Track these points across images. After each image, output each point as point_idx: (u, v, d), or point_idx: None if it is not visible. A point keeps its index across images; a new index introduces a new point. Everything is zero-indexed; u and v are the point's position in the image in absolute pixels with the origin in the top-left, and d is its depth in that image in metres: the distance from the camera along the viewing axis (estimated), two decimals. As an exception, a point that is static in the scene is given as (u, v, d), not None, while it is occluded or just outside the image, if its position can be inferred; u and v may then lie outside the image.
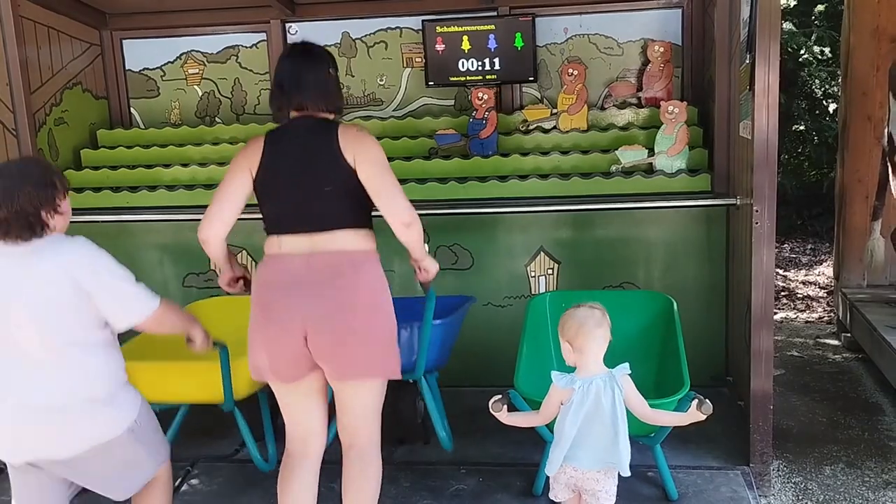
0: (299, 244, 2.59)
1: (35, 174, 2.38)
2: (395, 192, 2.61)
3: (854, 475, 3.62)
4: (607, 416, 2.54)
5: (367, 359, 2.61)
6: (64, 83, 5.03)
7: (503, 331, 4.34)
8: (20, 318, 2.29)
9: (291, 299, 2.54)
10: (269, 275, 2.61)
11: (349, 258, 2.58)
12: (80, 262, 2.33)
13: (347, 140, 2.59)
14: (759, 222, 3.31)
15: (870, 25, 5.45)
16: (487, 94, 4.85)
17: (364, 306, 2.57)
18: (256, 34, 5.31)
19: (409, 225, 2.63)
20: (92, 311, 2.36)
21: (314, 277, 2.54)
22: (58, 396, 2.32)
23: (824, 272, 8.11)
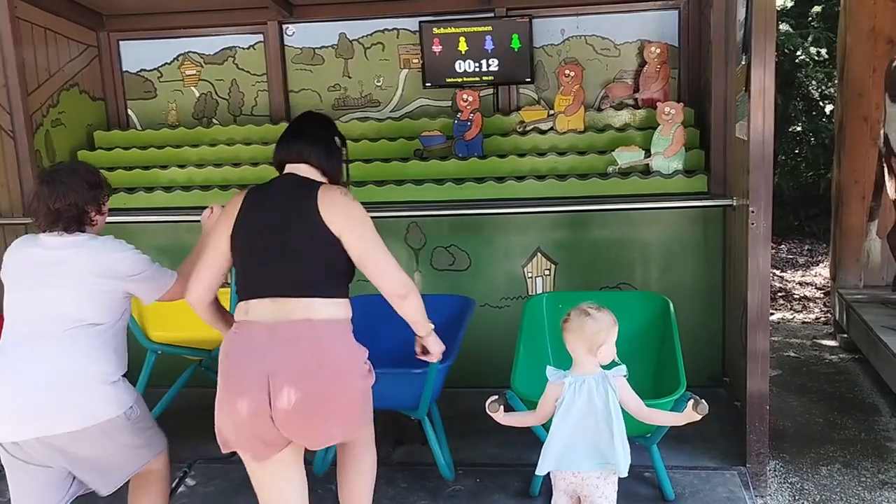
0: (264, 311, 2.41)
1: (87, 175, 2.68)
2: (385, 265, 2.48)
3: (850, 475, 3.63)
4: (601, 416, 2.54)
5: (339, 426, 2.48)
6: (61, 85, 5.03)
7: (500, 332, 4.34)
8: (55, 301, 2.50)
9: (253, 373, 2.35)
10: (231, 345, 2.45)
11: (313, 327, 2.39)
12: (112, 255, 2.60)
13: (331, 207, 2.44)
14: (755, 223, 3.31)
15: (866, 27, 5.46)
16: (472, 95, 4.86)
17: (329, 383, 2.39)
18: (253, 35, 5.32)
19: (405, 297, 2.50)
20: (117, 299, 2.61)
21: (276, 349, 2.35)
22: (68, 372, 2.45)
23: (821, 273, 8.12)
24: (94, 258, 2.56)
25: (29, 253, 2.59)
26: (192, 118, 5.46)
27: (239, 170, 4.86)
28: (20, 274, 2.58)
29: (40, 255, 2.56)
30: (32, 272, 2.55)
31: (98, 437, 2.48)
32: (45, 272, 2.53)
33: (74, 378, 2.46)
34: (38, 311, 2.50)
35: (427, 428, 3.44)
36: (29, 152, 4.66)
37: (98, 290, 2.55)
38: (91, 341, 2.52)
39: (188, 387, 3.97)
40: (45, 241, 2.58)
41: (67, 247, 2.56)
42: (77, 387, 2.45)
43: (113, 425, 2.50)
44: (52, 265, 2.54)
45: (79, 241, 2.58)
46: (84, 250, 2.57)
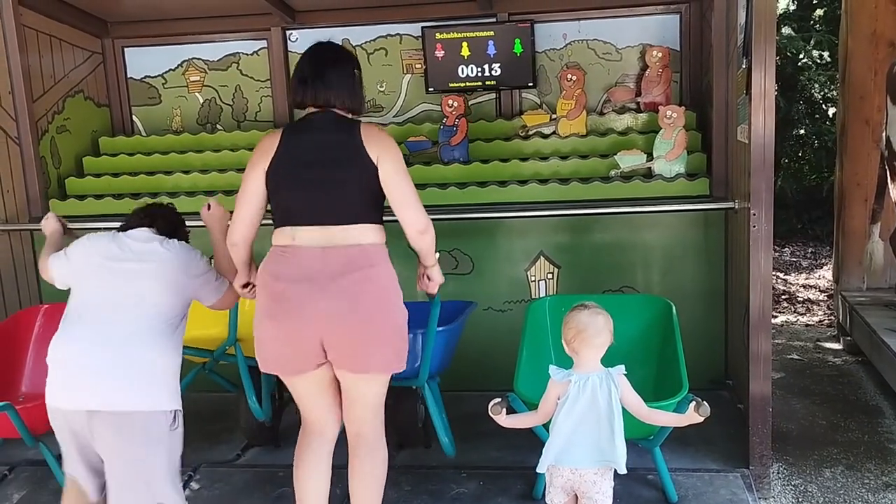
0: (314, 237, 2.58)
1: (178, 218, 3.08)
2: (413, 199, 2.64)
3: (854, 477, 3.63)
4: (603, 414, 2.56)
5: (382, 354, 2.64)
6: (66, 91, 5.07)
7: (503, 335, 4.35)
8: (139, 287, 2.68)
9: (307, 294, 2.53)
10: (283, 268, 2.60)
11: (364, 253, 2.59)
12: (189, 253, 2.85)
13: (371, 138, 2.61)
14: (756, 226, 3.32)
15: (867, 30, 5.48)
16: (457, 101, 4.90)
17: (379, 302, 2.59)
18: (257, 41, 5.35)
19: (424, 232, 2.68)
20: (186, 297, 2.81)
21: (330, 272, 2.54)
22: (135, 354, 2.58)
23: (825, 275, 8.12)
24: (179, 258, 2.79)
25: (114, 242, 2.77)
26: (196, 124, 5.49)
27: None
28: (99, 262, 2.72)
29: (129, 244, 2.77)
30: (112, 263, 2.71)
31: (139, 428, 2.54)
32: (133, 264, 2.71)
33: (139, 361, 2.58)
34: (121, 294, 2.66)
35: (427, 395, 3.47)
36: (34, 158, 4.69)
37: (177, 286, 2.75)
38: (160, 332, 2.67)
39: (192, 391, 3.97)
40: (134, 233, 2.82)
41: (153, 246, 2.78)
42: (137, 369, 2.57)
43: (155, 422, 2.57)
44: (140, 259, 2.73)
45: (163, 243, 2.81)
46: (168, 245, 2.80)
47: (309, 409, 2.79)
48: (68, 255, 2.83)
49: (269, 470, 3.71)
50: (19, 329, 3.86)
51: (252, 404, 3.65)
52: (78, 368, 2.55)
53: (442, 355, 3.49)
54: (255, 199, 2.67)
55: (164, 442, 2.61)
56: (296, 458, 2.81)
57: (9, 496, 3.58)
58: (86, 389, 2.53)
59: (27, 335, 3.87)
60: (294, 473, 2.80)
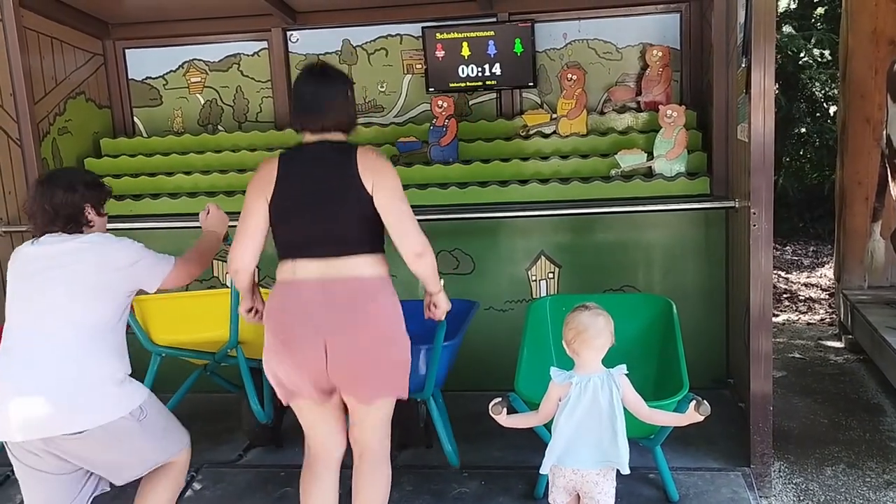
0: (313, 270, 2.58)
1: (84, 176, 2.76)
2: (409, 223, 2.62)
3: (855, 476, 3.63)
4: (605, 414, 2.57)
5: (383, 383, 2.65)
6: (67, 93, 5.07)
7: (505, 335, 4.36)
8: (55, 301, 2.53)
9: (308, 328, 2.54)
10: (285, 301, 2.61)
11: (364, 286, 2.58)
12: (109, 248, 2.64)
13: (366, 165, 2.59)
14: (756, 224, 3.33)
15: (868, 28, 5.47)
16: (447, 102, 4.91)
17: (381, 334, 2.59)
18: (258, 42, 5.36)
19: (421, 255, 2.63)
20: (119, 294, 2.64)
21: (331, 305, 2.54)
22: (72, 373, 2.47)
23: (826, 274, 8.13)
24: (94, 254, 2.60)
25: (28, 255, 2.62)
26: (197, 125, 5.50)
27: (244, 176, 4.89)
28: (21, 276, 2.60)
29: (39, 257, 2.60)
30: (32, 274, 2.58)
31: (105, 439, 2.50)
32: (45, 273, 2.56)
33: (79, 379, 2.48)
34: (40, 313, 2.53)
35: (432, 408, 3.47)
36: (36, 160, 4.69)
37: (99, 286, 2.58)
38: (93, 341, 2.55)
39: (194, 392, 4.00)
40: (43, 241, 2.62)
41: (66, 247, 2.60)
42: (82, 388, 2.47)
43: (119, 427, 2.51)
44: (51, 266, 2.56)
45: (76, 240, 2.62)
46: (83, 247, 2.61)
47: (314, 431, 2.79)
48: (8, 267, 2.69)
49: (270, 470, 3.72)
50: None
51: (254, 406, 3.65)
52: (17, 404, 2.42)
53: (446, 367, 3.49)
54: (258, 230, 2.65)
55: (137, 433, 2.57)
56: (301, 482, 2.80)
57: (11, 497, 3.59)
58: (34, 422, 2.42)
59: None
60: (301, 497, 2.79)
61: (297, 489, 2.88)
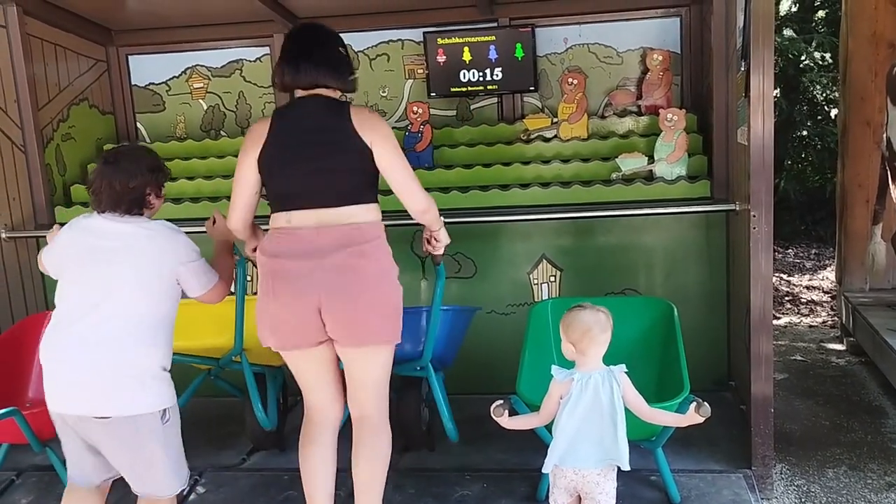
0: (308, 218, 2.64)
1: (149, 159, 2.77)
2: (412, 182, 2.72)
3: (857, 478, 3.64)
4: (606, 411, 2.58)
5: (378, 325, 2.69)
6: (71, 99, 5.10)
7: (507, 338, 4.37)
8: (108, 283, 2.55)
9: (304, 269, 2.60)
10: (280, 246, 2.66)
11: (358, 230, 2.65)
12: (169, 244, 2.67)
13: (362, 121, 2.65)
14: (756, 227, 3.34)
15: (867, 31, 5.49)
16: (422, 108, 4.95)
17: (374, 276, 2.65)
18: (260, 48, 5.39)
19: (426, 210, 2.80)
20: (169, 288, 2.66)
21: (326, 248, 2.60)
22: (114, 358, 2.51)
23: (828, 277, 8.13)
24: (153, 239, 2.64)
25: (89, 233, 2.64)
26: (200, 130, 5.53)
27: (247, 181, 4.90)
28: (78, 253, 2.62)
29: (100, 236, 2.62)
30: (92, 253, 2.60)
31: (128, 432, 2.53)
32: (105, 254, 2.58)
33: (119, 365, 2.51)
34: (99, 290, 2.55)
35: (431, 377, 3.51)
36: (40, 166, 4.73)
37: (154, 272, 2.61)
38: (140, 329, 2.57)
39: (197, 396, 4.01)
40: (105, 223, 2.64)
41: (127, 229, 2.63)
42: (120, 374, 2.51)
43: (145, 422, 2.54)
44: (112, 247, 2.59)
45: (138, 223, 2.66)
46: (143, 232, 2.64)
47: (310, 389, 2.84)
48: (56, 241, 2.73)
49: (274, 474, 3.73)
50: (26, 335, 3.89)
51: (258, 413, 3.67)
52: (62, 376, 2.52)
53: (446, 344, 3.51)
54: (248, 186, 2.73)
55: (157, 437, 2.59)
56: (300, 446, 2.85)
57: (16, 501, 3.61)
58: (72, 397, 2.52)
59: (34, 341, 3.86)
60: (300, 461, 2.84)
61: (300, 493, 2.91)
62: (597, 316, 2.68)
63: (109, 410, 2.49)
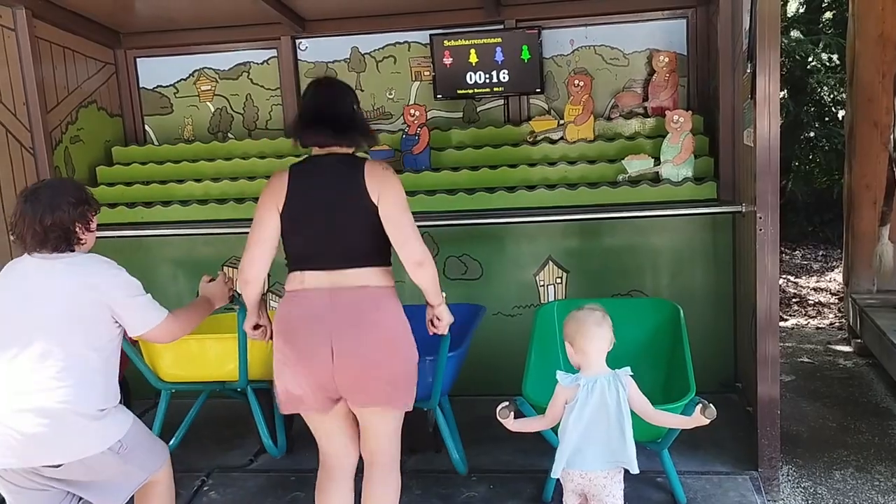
0: (322, 280, 2.63)
1: (72, 192, 2.58)
2: (410, 232, 2.65)
3: (864, 479, 3.64)
4: (613, 415, 2.59)
5: (388, 392, 2.67)
6: (79, 102, 5.13)
7: (513, 340, 4.36)
8: (37, 328, 2.42)
9: (316, 333, 2.59)
10: (293, 309, 2.66)
11: (371, 295, 2.63)
12: (101, 280, 2.52)
13: (373, 179, 2.63)
14: (762, 229, 3.34)
15: (874, 32, 5.48)
16: (419, 110, 4.96)
17: (387, 342, 2.63)
18: (267, 51, 5.40)
19: (421, 264, 2.66)
20: (103, 327, 2.53)
21: (338, 312, 2.59)
22: (52, 405, 2.38)
23: (835, 278, 8.11)
24: (85, 277, 2.49)
25: (17, 276, 2.52)
26: (207, 133, 5.55)
27: (254, 183, 4.93)
28: (7, 299, 2.50)
29: (26, 278, 2.50)
30: (20, 297, 2.48)
31: (84, 470, 2.45)
32: (33, 297, 2.46)
33: (58, 412, 2.38)
34: (25, 339, 2.42)
35: (439, 417, 3.50)
36: (49, 168, 4.75)
37: (87, 313, 2.48)
38: (77, 373, 2.43)
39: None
40: (32, 262, 2.52)
41: (56, 268, 2.49)
42: (61, 422, 2.38)
43: (98, 461, 2.45)
44: (39, 289, 2.47)
45: (67, 261, 2.51)
46: (74, 269, 2.50)
47: (327, 443, 2.83)
48: None
49: (281, 475, 3.75)
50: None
51: (266, 441, 3.67)
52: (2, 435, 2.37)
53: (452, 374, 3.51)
54: (269, 240, 2.69)
55: (115, 464, 2.49)
56: (316, 491, 2.83)
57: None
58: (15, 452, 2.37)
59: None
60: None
61: (307, 493, 2.94)
62: (591, 313, 2.72)
63: (59, 458, 2.39)
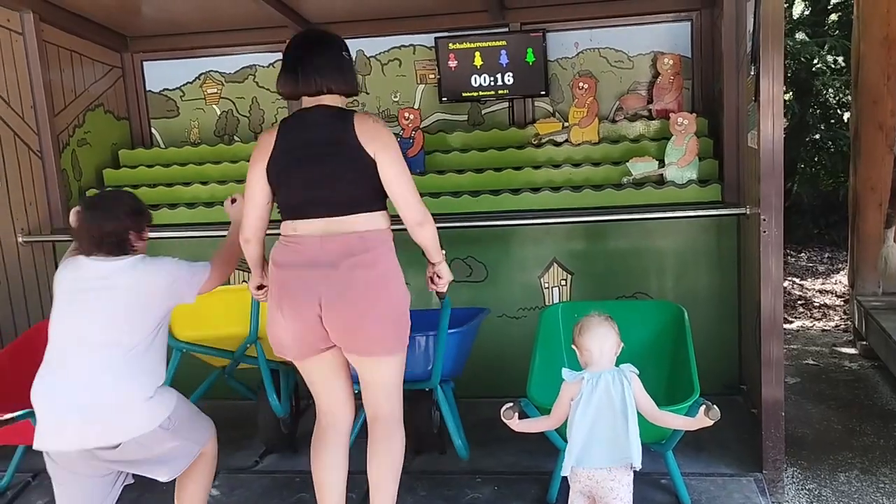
0: (313, 227, 2.67)
1: (129, 203, 2.82)
2: (411, 193, 2.70)
3: (869, 482, 3.63)
4: (618, 409, 2.60)
5: (380, 335, 2.70)
6: (86, 105, 5.17)
7: (517, 342, 4.37)
8: (95, 322, 2.62)
9: (306, 278, 2.64)
10: (284, 256, 2.71)
11: (361, 238, 2.66)
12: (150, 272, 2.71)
13: (365, 131, 2.65)
14: (766, 231, 3.34)
15: (879, 34, 5.47)
16: (413, 114, 4.98)
17: (376, 283, 2.66)
18: (273, 54, 5.43)
19: (422, 224, 2.74)
20: (154, 314, 2.71)
21: (328, 257, 2.63)
22: (105, 392, 2.57)
23: (841, 280, 8.10)
24: (135, 279, 2.68)
25: (72, 276, 2.71)
26: (213, 136, 5.58)
27: (260, 185, 4.94)
28: (64, 295, 2.69)
29: (82, 278, 2.68)
30: (75, 295, 2.67)
31: (139, 448, 2.61)
32: (86, 295, 2.65)
33: (111, 397, 2.56)
34: (79, 332, 2.62)
35: (440, 397, 3.52)
36: (56, 171, 4.79)
37: (139, 308, 2.66)
38: (129, 361, 2.62)
39: (210, 399, 4.04)
40: (88, 264, 2.69)
41: (109, 271, 2.67)
42: (114, 405, 2.56)
43: (149, 437, 2.61)
44: (97, 287, 2.65)
45: (119, 266, 2.69)
46: (125, 273, 2.68)
47: (320, 394, 2.87)
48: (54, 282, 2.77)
49: (287, 476, 3.76)
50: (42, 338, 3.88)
51: (272, 401, 3.73)
52: (57, 416, 2.55)
53: (455, 359, 3.54)
54: (259, 196, 2.75)
55: (167, 439, 2.67)
56: (312, 450, 2.89)
57: (32, 502, 3.65)
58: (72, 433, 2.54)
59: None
60: (311, 466, 2.88)
61: (312, 495, 2.93)
62: (595, 315, 2.78)
63: (114, 439, 2.55)
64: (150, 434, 2.61)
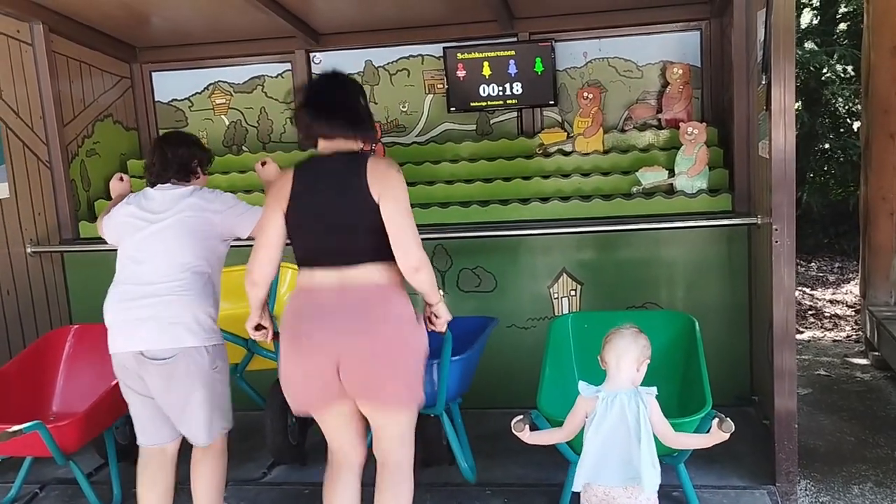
0: (330, 278, 2.62)
1: (195, 139, 3.32)
2: (409, 237, 2.60)
3: (883, 494, 3.59)
4: (632, 430, 2.57)
5: (398, 391, 2.66)
6: (95, 115, 5.18)
7: (527, 352, 4.35)
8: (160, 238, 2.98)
9: (323, 331, 2.58)
10: (301, 307, 2.66)
11: (379, 291, 2.62)
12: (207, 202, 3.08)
13: (375, 176, 2.60)
14: (778, 241, 3.32)
15: (889, 44, 5.46)
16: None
17: (397, 340, 2.62)
18: (281, 64, 5.44)
19: (418, 270, 2.62)
20: (212, 242, 3.07)
21: (346, 310, 2.58)
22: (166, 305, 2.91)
23: (852, 290, 8.05)
24: (197, 200, 3.06)
25: (140, 201, 3.10)
26: (222, 146, 5.58)
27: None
28: (130, 222, 3.05)
29: (149, 204, 3.07)
30: (141, 219, 3.03)
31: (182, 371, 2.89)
32: (153, 217, 3.02)
33: (172, 309, 2.90)
34: (146, 252, 2.98)
35: (446, 423, 3.48)
36: (65, 181, 4.80)
37: (200, 228, 3.01)
38: (193, 279, 2.96)
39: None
40: (154, 192, 3.10)
41: (173, 195, 3.06)
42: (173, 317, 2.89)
43: (197, 362, 2.91)
44: (159, 210, 3.03)
45: (182, 192, 3.07)
46: (188, 197, 3.06)
47: (334, 439, 2.83)
48: (112, 213, 3.16)
49: (295, 488, 3.74)
50: (50, 349, 3.93)
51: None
52: (122, 323, 2.93)
53: (460, 381, 3.49)
54: (275, 237, 2.70)
55: (205, 379, 2.93)
56: (324, 487, 2.84)
57: (40, 514, 3.65)
58: (132, 337, 2.90)
59: (58, 355, 3.94)
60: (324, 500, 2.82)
61: (320, 507, 2.91)
62: (620, 330, 2.72)
63: (165, 344, 2.87)
64: (199, 350, 2.91)
